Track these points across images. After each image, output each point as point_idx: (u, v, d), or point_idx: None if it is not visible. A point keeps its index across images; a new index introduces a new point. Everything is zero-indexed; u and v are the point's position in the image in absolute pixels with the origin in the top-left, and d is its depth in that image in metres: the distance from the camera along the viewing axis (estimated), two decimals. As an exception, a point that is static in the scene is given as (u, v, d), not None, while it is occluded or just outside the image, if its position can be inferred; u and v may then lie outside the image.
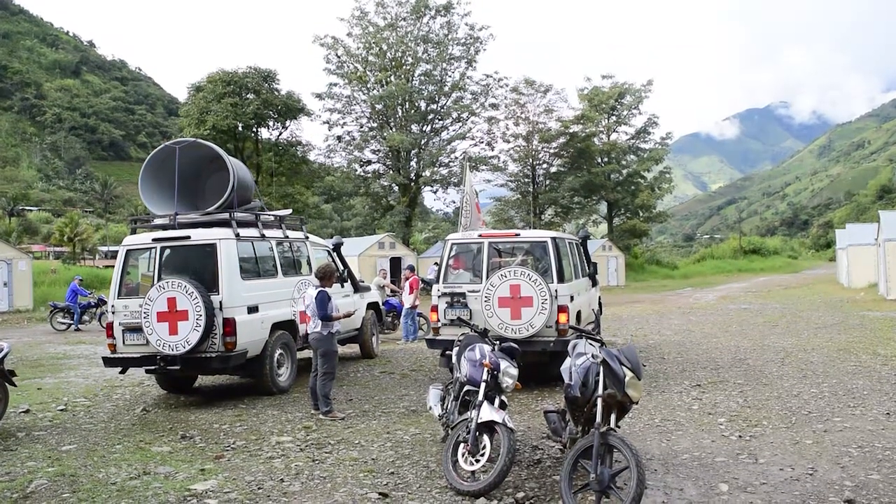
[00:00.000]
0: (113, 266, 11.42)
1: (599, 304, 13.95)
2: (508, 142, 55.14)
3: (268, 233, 10.95)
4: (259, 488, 6.08)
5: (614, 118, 59.94)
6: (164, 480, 6.32)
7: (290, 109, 44.74)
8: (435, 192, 51.19)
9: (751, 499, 5.72)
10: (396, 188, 49.31)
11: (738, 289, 38.60)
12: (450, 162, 48.46)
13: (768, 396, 9.56)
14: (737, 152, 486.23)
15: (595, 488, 5.17)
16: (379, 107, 47.89)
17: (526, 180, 56.49)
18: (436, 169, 48.04)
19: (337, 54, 47.87)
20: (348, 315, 9.64)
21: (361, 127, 49.22)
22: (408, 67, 47.77)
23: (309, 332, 8.96)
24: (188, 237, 9.87)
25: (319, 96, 48.18)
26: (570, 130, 54.76)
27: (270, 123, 45.83)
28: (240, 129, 44.03)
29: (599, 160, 58.15)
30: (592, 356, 5.60)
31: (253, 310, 9.94)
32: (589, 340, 5.95)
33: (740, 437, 7.61)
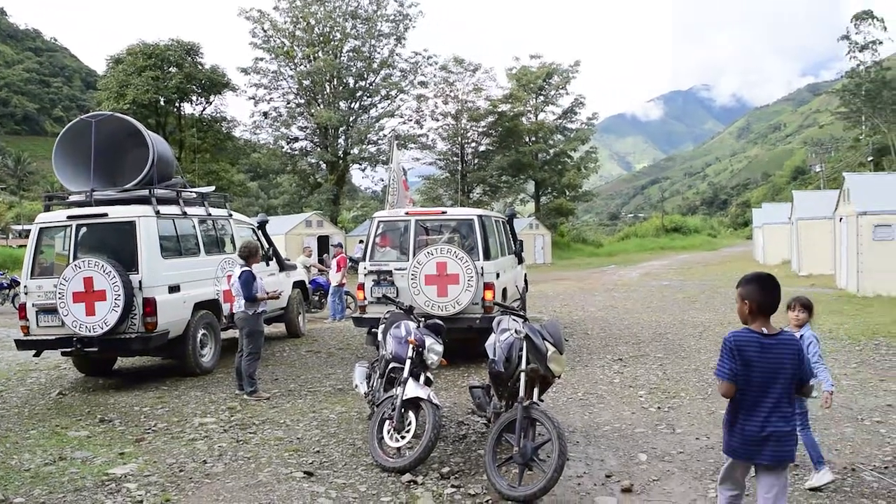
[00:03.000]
0: (26, 245, 10.98)
1: (525, 281, 14.13)
2: (437, 120, 55.19)
3: (190, 210, 10.70)
4: (181, 470, 5.98)
5: (542, 98, 60.44)
6: (80, 465, 6.15)
7: (215, 84, 43.65)
8: (363, 170, 50.98)
9: (668, 467, 5.92)
10: (324, 166, 48.78)
11: (659, 266, 39.66)
12: (378, 140, 48.28)
13: (686, 369, 9.88)
14: (660, 133, 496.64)
15: (518, 461, 5.26)
16: (306, 83, 47.20)
17: (455, 159, 56.60)
18: (364, 147, 47.73)
19: (263, 28, 46.89)
20: (274, 297, 9.53)
21: (288, 103, 48.50)
22: (336, 43, 47.16)
23: (234, 311, 8.82)
24: (105, 215, 9.59)
25: (245, 71, 47.23)
26: (499, 109, 55.04)
27: (194, 98, 44.67)
28: (161, 103, 42.77)
29: (527, 139, 58.61)
30: (516, 332, 5.68)
31: (174, 289, 9.72)
32: (513, 316, 6.02)
33: (659, 408, 7.85)
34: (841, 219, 21.68)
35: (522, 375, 5.46)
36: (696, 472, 5.77)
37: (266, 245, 12.79)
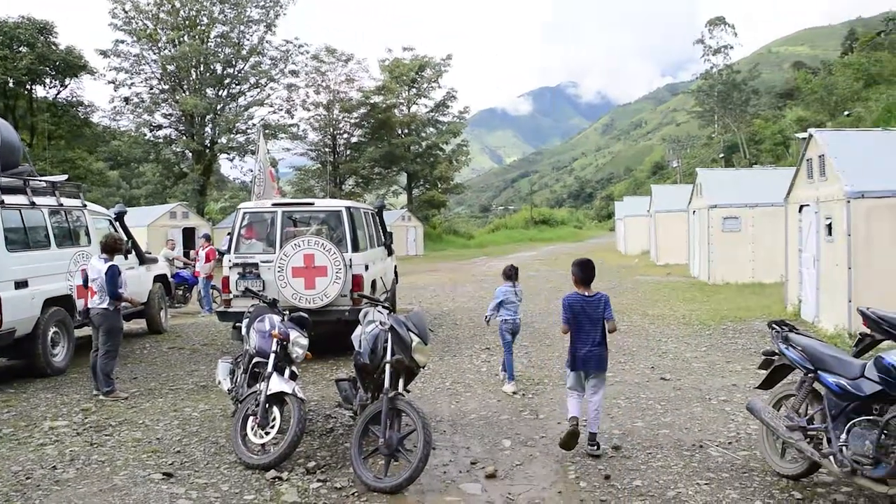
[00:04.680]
0: None
1: (395, 273, 14.17)
2: (308, 110, 54.40)
3: (39, 200, 10.05)
4: (27, 478, 5.63)
5: (414, 90, 60.70)
6: (-89, 476, 5.68)
7: (70, 66, 41.00)
8: (232, 160, 49.62)
9: (531, 452, 6.13)
10: (190, 155, 47.06)
11: (528, 257, 40.67)
12: (247, 129, 46.98)
13: (550, 356, 10.23)
14: (530, 128, 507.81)
15: (384, 452, 5.30)
16: (171, 68, 45.34)
17: (326, 150, 55.97)
18: (232, 136, 46.39)
19: (124, 9, 44.61)
20: (135, 304, 9.19)
21: (152, 89, 46.45)
22: (203, 28, 45.57)
23: (90, 307, 8.35)
24: (-59, 205, 8.86)
25: (104, 54, 44.78)
26: (371, 101, 54.88)
27: (47, 81, 41.77)
28: (10, 85, 39.81)
29: (400, 132, 58.76)
30: (380, 323, 5.70)
31: (21, 285, 9.13)
32: (378, 308, 6.04)
33: (524, 395, 8.10)
34: (694, 211, 23.00)
35: (388, 367, 5.49)
36: (557, 455, 5.99)
37: (124, 237, 12.21)
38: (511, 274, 8.77)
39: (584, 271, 6.20)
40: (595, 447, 6.00)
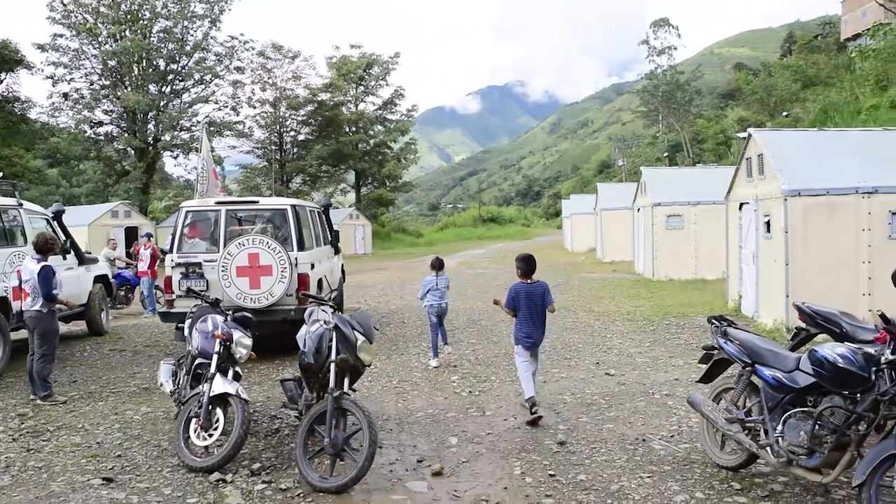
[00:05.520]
0: None
1: (343, 271, 14.08)
2: (255, 107, 53.67)
3: (-29, 199, 9.72)
4: (-41, 485, 5.45)
5: (362, 88, 60.38)
6: None
7: (6, 60, 39.73)
8: (176, 158, 48.59)
9: (477, 449, 6.15)
10: (132, 152, 45.99)
11: (476, 255, 40.84)
12: (191, 126, 46.09)
13: (497, 353, 10.28)
14: (478, 126, 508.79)
15: (329, 452, 5.27)
16: (112, 63, 44.23)
17: (273, 147, 55.32)
18: (176, 133, 45.47)
19: (63, 2, 43.34)
20: (71, 306, 8.97)
21: (92, 84, 45.21)
22: (145, 22, 44.59)
23: (24, 309, 8.10)
24: None
25: (42, 48, 43.45)
26: (319, 98, 54.39)
27: (-19, 76, 40.53)
28: (-59, 80, 38.48)
29: (347, 129, 58.38)
30: (325, 322, 5.66)
31: (-47, 286, 8.80)
32: (323, 307, 6.00)
33: (470, 392, 8.13)
34: (639, 209, 23.35)
35: (332, 366, 5.46)
36: (503, 452, 6.03)
37: (63, 237, 11.88)
38: (436, 265, 9.88)
39: (527, 264, 7.25)
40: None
